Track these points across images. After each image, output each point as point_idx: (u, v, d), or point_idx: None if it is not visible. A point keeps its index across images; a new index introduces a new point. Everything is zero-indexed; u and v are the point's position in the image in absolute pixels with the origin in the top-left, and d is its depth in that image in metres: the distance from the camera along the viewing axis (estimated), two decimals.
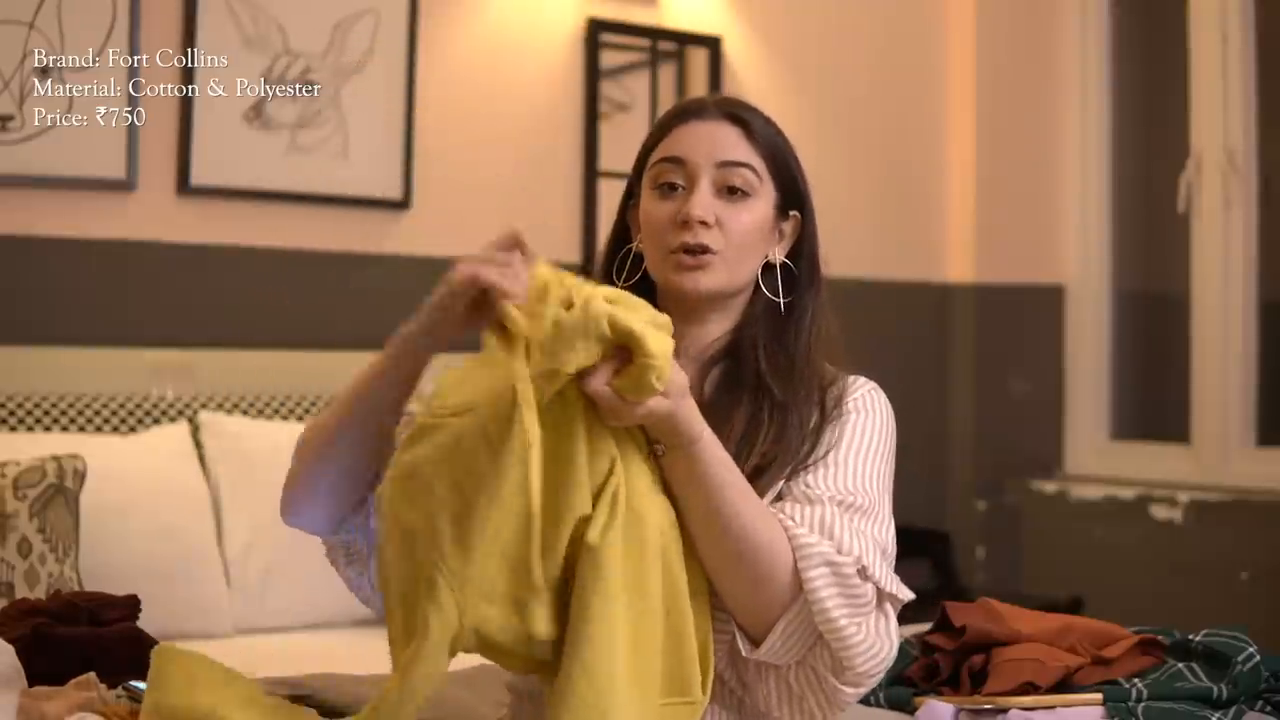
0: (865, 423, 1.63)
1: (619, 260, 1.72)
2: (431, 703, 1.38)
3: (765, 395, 1.63)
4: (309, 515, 1.60)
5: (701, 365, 1.68)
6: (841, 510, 1.53)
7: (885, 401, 1.68)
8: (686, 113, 1.70)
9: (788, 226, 1.71)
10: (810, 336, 1.68)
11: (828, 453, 1.59)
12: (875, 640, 1.49)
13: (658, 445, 1.47)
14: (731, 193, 1.65)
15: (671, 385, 1.41)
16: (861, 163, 4.50)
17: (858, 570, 1.48)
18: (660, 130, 1.70)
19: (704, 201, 1.63)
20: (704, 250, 1.63)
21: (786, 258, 1.71)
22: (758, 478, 1.57)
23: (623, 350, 1.38)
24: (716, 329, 1.69)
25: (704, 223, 1.63)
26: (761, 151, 1.67)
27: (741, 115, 1.68)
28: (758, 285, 1.69)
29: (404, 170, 3.69)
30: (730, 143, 1.66)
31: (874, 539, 1.53)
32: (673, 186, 1.66)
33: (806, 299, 1.70)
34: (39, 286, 3.26)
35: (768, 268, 1.69)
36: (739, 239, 1.64)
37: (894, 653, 1.51)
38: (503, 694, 1.72)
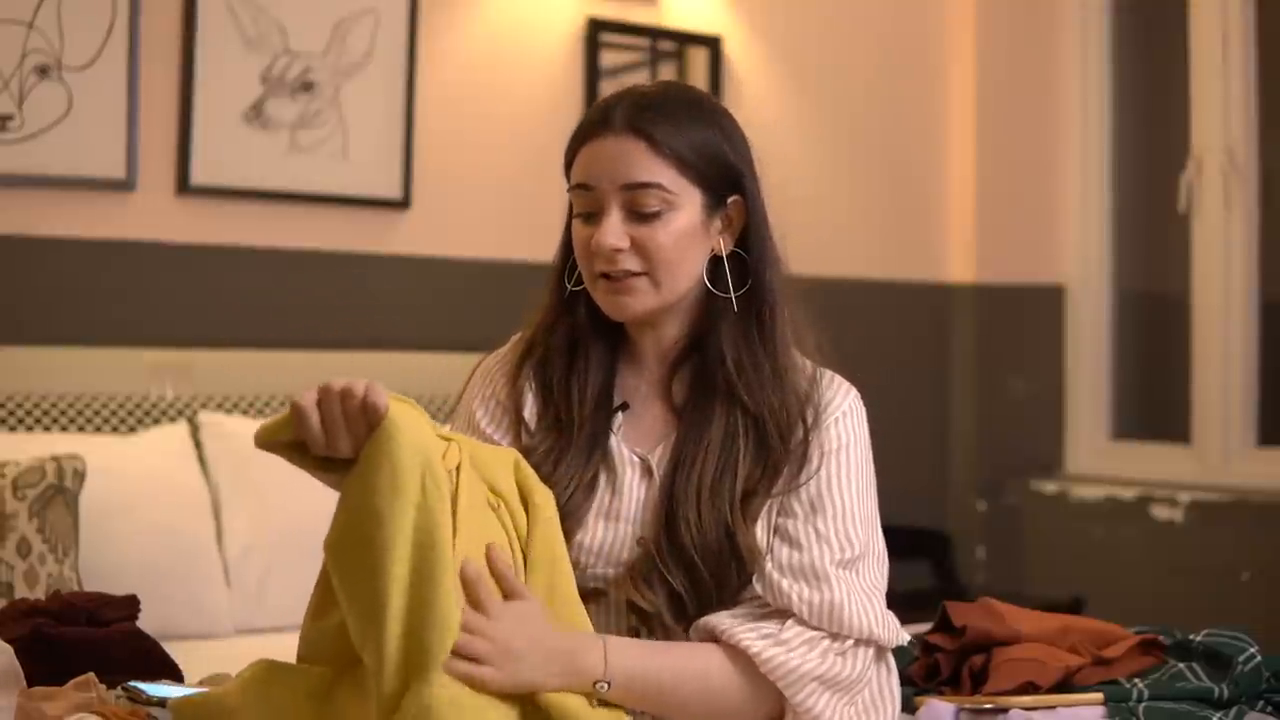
0: (850, 455, 1.58)
1: (569, 269, 1.65)
2: None
3: (737, 406, 1.56)
4: None
5: (667, 366, 1.63)
6: (844, 572, 1.51)
7: (861, 411, 1.62)
8: (589, 131, 1.58)
9: (732, 212, 1.60)
10: (777, 330, 1.59)
11: (817, 484, 1.55)
12: (879, 697, 1.51)
13: (598, 683, 1.42)
14: (644, 216, 1.54)
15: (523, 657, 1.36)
16: (862, 163, 4.50)
17: (855, 641, 1.49)
18: (571, 150, 1.60)
19: (614, 229, 1.53)
20: (626, 274, 1.55)
21: (739, 245, 1.61)
22: (747, 503, 1.53)
23: None
24: (673, 330, 1.62)
25: (618, 249, 1.54)
26: (672, 161, 1.54)
27: (644, 127, 1.54)
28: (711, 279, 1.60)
29: (404, 170, 3.69)
30: (634, 162, 1.53)
31: (873, 587, 1.53)
32: (589, 215, 1.57)
33: (763, 285, 1.59)
34: (39, 286, 3.26)
35: (718, 260, 1.60)
36: (661, 256, 1.54)
37: (898, 709, 1.53)
38: None
